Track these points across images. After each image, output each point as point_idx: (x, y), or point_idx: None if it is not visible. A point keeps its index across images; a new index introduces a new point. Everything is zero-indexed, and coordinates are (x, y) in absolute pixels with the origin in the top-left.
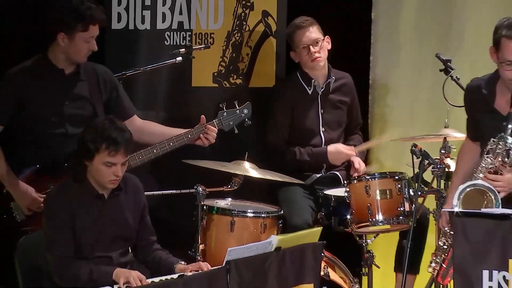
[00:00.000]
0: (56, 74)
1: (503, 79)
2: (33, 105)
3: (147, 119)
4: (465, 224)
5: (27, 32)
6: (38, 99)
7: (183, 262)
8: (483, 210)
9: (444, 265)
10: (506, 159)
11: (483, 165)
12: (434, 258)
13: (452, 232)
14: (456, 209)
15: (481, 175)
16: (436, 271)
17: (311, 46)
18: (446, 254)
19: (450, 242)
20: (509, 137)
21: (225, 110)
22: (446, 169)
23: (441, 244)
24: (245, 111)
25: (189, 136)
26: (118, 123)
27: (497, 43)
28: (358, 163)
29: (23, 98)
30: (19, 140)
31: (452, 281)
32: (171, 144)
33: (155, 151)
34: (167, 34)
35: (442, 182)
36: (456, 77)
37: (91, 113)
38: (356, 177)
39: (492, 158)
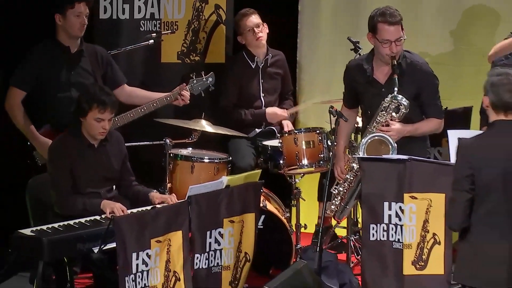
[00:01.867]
0: (64, 50)
1: (382, 55)
2: (47, 75)
3: None
4: (371, 167)
5: (38, 21)
6: (51, 71)
7: (155, 191)
8: (384, 156)
9: (342, 204)
10: (395, 114)
11: (378, 120)
12: (333, 201)
13: (351, 178)
14: (363, 155)
15: (375, 129)
16: (334, 212)
17: (255, 28)
18: (343, 196)
19: (350, 185)
20: (399, 95)
21: (194, 78)
22: (356, 125)
23: (341, 189)
24: (210, 79)
25: (168, 98)
26: (105, 89)
27: (374, 28)
28: (287, 125)
29: (40, 71)
30: (37, 103)
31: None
32: (154, 105)
33: (143, 110)
34: (142, 22)
35: (353, 135)
36: (364, 54)
37: (92, 82)
38: (287, 131)
39: (385, 114)
